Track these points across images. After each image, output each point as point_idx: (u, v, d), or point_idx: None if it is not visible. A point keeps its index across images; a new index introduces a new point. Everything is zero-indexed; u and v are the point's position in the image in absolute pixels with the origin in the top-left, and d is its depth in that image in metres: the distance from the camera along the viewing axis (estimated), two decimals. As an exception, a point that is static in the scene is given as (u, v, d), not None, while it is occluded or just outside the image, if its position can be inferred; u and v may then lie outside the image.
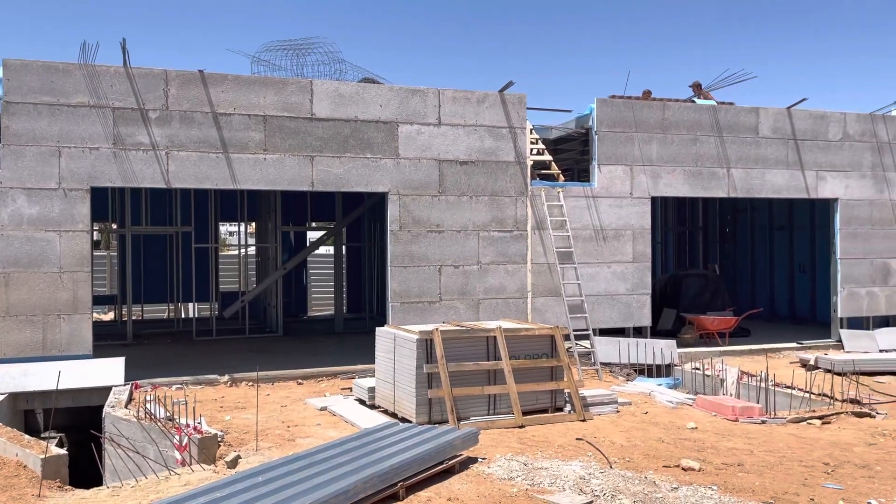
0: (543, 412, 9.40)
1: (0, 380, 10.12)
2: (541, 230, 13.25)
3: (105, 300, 23.23)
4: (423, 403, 8.84)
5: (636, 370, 12.82)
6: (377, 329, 10.06)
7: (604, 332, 13.56)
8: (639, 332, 14.04)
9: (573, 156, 16.10)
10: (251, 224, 22.45)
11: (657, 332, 15.18)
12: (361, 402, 10.03)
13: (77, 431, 9.74)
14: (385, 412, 9.49)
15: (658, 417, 9.58)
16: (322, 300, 25.69)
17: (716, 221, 21.86)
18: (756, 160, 14.69)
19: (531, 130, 13.61)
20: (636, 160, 13.92)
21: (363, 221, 20.93)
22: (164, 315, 21.62)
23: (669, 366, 13.06)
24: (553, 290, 13.25)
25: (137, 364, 12.20)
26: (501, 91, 13.07)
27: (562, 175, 13.84)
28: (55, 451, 7.88)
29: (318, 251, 22.58)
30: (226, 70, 11.89)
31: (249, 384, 11.34)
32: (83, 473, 8.44)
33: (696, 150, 14.32)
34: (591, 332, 12.98)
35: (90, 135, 11.06)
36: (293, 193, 19.10)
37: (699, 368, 12.34)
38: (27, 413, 10.37)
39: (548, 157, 13.71)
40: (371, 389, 9.91)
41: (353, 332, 17.45)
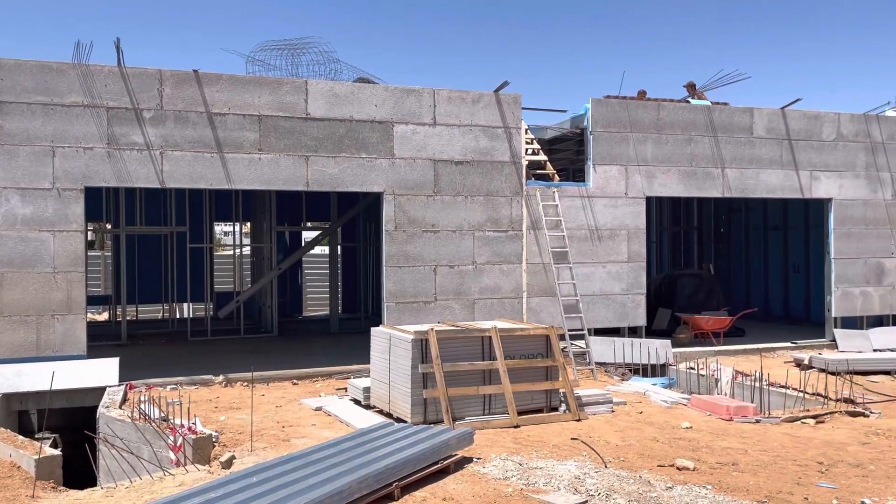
0: (539, 412, 9.40)
1: (-6, 380, 10.09)
2: (536, 230, 13.26)
3: (99, 300, 23.17)
4: (419, 403, 8.84)
5: (631, 370, 12.86)
6: (372, 329, 10.05)
7: (599, 332, 13.58)
8: (634, 332, 14.06)
9: (568, 156, 16.10)
10: (246, 224, 22.44)
11: (652, 332, 15.21)
12: (357, 403, 10.03)
13: (71, 432, 9.72)
14: (380, 412, 9.48)
15: (653, 417, 9.59)
16: (317, 300, 25.66)
17: (710, 221, 21.91)
18: (750, 160, 14.72)
19: (526, 130, 13.62)
20: (631, 160, 13.94)
21: (358, 221, 20.93)
22: (159, 315, 21.58)
23: (664, 365, 13.09)
24: (548, 290, 13.26)
25: (132, 364, 12.18)
26: (496, 91, 13.07)
27: (557, 175, 13.84)
28: (49, 452, 7.86)
29: (314, 251, 22.58)
30: (220, 70, 11.88)
31: (244, 384, 11.33)
32: (77, 474, 8.41)
33: (691, 150, 14.35)
34: (587, 332, 12.99)
35: (84, 134, 11.03)
36: (288, 193, 19.07)
37: (694, 368, 12.38)
38: (21, 414, 10.34)
39: (543, 157, 13.72)
40: (366, 389, 9.91)
41: (349, 333, 17.44)
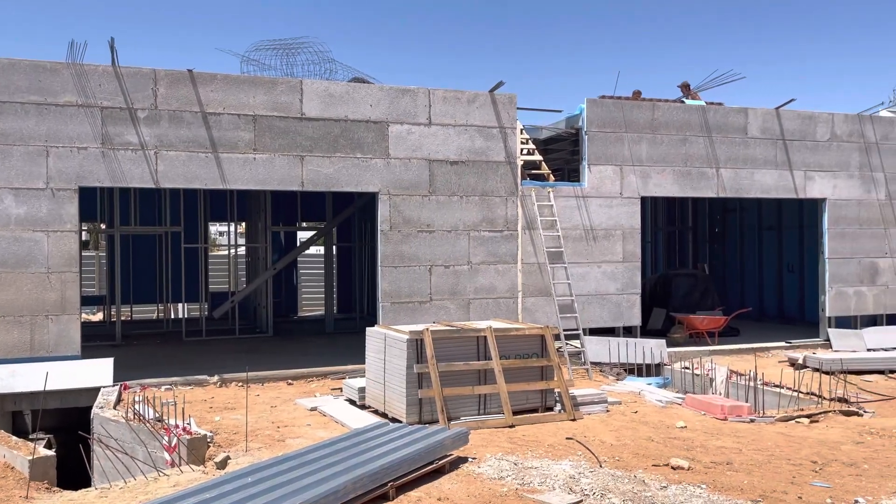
0: (534, 412, 9.41)
1: (-13, 381, 10.06)
2: (531, 230, 13.27)
3: (94, 301, 23.11)
4: (414, 403, 8.83)
5: (626, 369, 12.87)
6: (367, 329, 10.05)
7: (594, 332, 13.59)
8: (629, 332, 14.08)
9: (563, 156, 16.14)
10: (241, 224, 22.38)
11: (647, 332, 15.23)
12: (352, 403, 10.02)
13: (65, 433, 9.69)
14: (375, 412, 9.48)
15: (648, 416, 9.60)
16: (312, 300, 25.64)
17: (705, 221, 21.95)
18: (745, 160, 14.75)
19: (521, 130, 13.63)
20: (626, 160, 13.96)
21: (353, 221, 20.92)
22: (154, 315, 21.55)
23: (659, 365, 13.11)
24: (543, 290, 13.27)
25: (126, 365, 12.15)
26: (492, 91, 13.08)
27: (552, 175, 13.86)
28: (43, 453, 7.84)
29: (309, 251, 22.56)
30: (215, 69, 11.87)
31: (239, 385, 11.31)
32: (71, 475, 8.39)
33: (686, 151, 14.37)
34: (582, 332, 13.00)
35: (78, 134, 11.00)
36: (283, 193, 19.06)
37: (689, 368, 12.39)
38: (15, 414, 10.30)
39: (538, 157, 13.72)
40: (361, 390, 9.90)
41: (344, 333, 17.42)
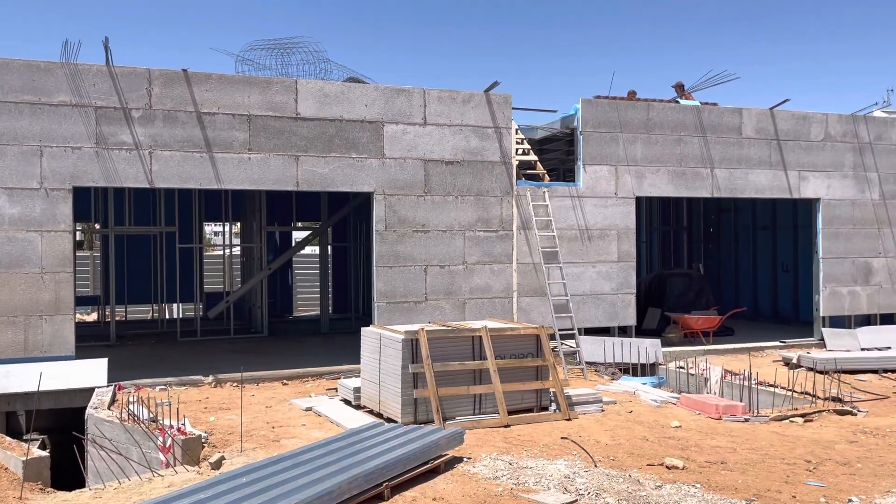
0: (529, 411, 9.42)
1: (-19, 381, 10.03)
2: (526, 230, 13.27)
3: (88, 301, 23.06)
4: (409, 403, 8.83)
5: (621, 369, 12.88)
6: (363, 329, 10.05)
7: (589, 332, 13.60)
8: (624, 332, 14.10)
9: (558, 156, 16.14)
10: (236, 224, 22.37)
11: (642, 332, 15.26)
12: (347, 403, 10.01)
13: (59, 433, 9.67)
14: (370, 412, 9.47)
15: (642, 416, 9.62)
16: (307, 300, 25.62)
17: (700, 221, 21.99)
18: (739, 160, 14.79)
19: (516, 130, 13.63)
20: (621, 160, 13.98)
21: (349, 221, 20.91)
22: (148, 316, 21.48)
23: (654, 365, 13.13)
24: (538, 290, 13.28)
25: (121, 365, 12.13)
26: (487, 91, 13.08)
27: (547, 175, 13.86)
28: (37, 453, 7.82)
29: (304, 251, 22.52)
30: (210, 69, 11.85)
31: (234, 385, 11.29)
32: (65, 476, 8.36)
33: (681, 151, 14.40)
34: (577, 332, 13.01)
35: (72, 134, 10.97)
36: (278, 193, 19.02)
37: (683, 367, 12.41)
38: (9, 415, 10.27)
39: (533, 157, 13.73)
40: (356, 390, 9.90)
41: (339, 333, 17.42)
